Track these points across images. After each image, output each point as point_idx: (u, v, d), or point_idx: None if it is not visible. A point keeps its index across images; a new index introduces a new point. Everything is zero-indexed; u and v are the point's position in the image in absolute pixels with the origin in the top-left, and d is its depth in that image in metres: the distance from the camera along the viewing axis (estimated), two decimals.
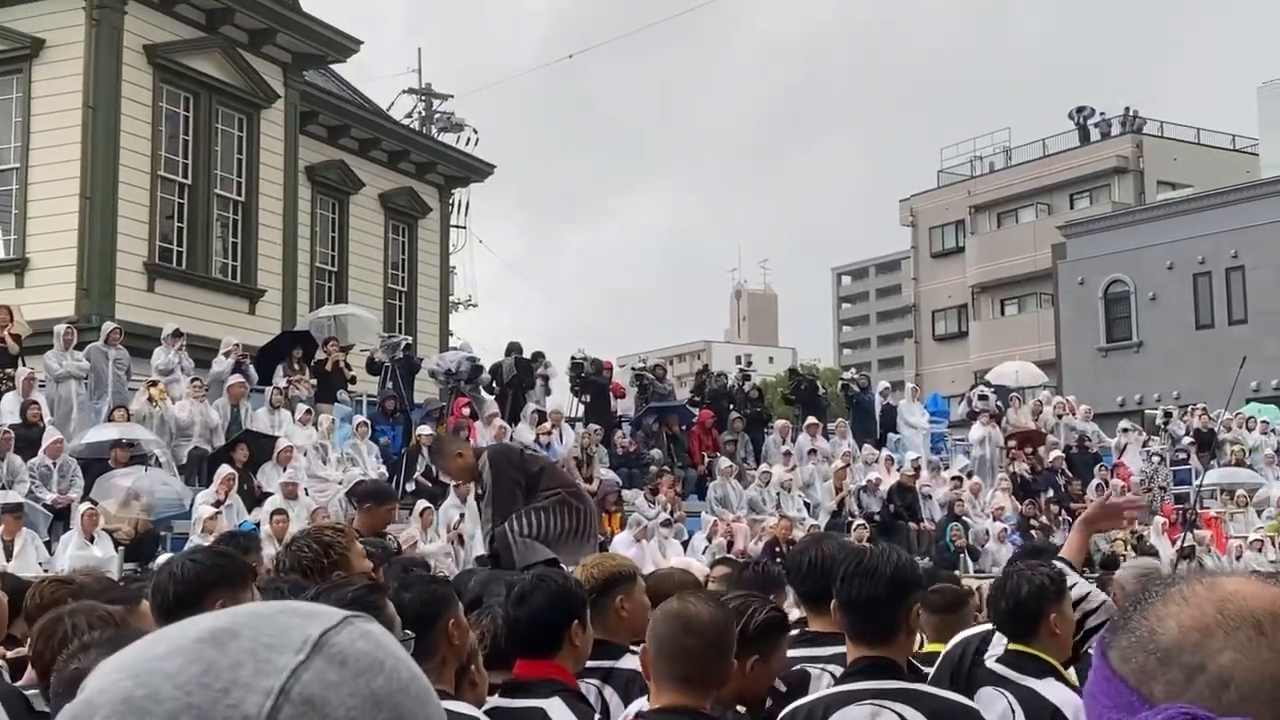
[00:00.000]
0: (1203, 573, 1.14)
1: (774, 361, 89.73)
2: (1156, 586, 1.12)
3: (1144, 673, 1.05)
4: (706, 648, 3.14)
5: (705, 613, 3.18)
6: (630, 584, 4.39)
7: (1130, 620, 1.10)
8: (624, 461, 19.63)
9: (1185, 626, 1.05)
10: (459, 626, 3.40)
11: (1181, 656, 1.04)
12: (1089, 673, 1.14)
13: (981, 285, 49.27)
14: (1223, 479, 24.10)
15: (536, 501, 7.70)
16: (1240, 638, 1.03)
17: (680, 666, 3.14)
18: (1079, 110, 48.44)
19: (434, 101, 37.10)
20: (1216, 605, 1.06)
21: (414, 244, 27.10)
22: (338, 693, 0.87)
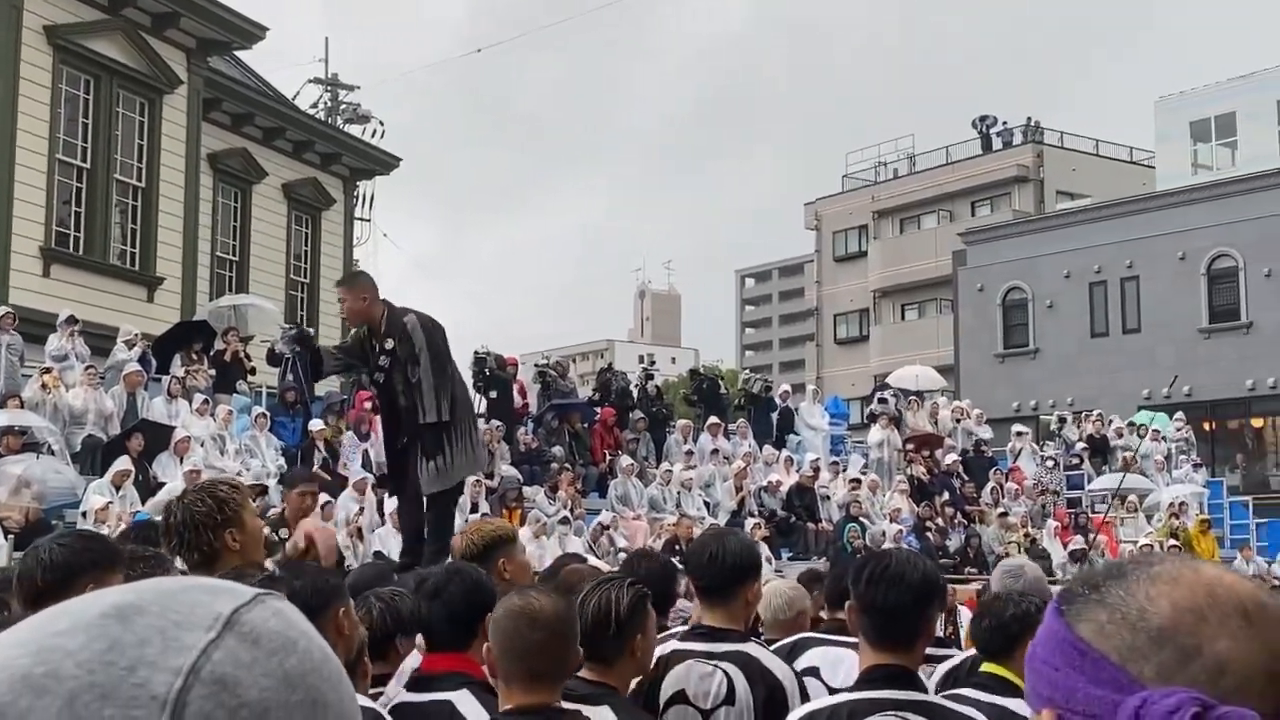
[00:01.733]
0: (1178, 555, 1.14)
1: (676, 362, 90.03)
2: (1130, 565, 1.10)
3: (1132, 651, 1.03)
4: (553, 640, 3.12)
5: (548, 605, 3.15)
6: (511, 545, 4.47)
7: (1108, 594, 1.07)
8: (525, 458, 19.59)
9: (1180, 607, 1.04)
10: (349, 617, 3.38)
11: (1177, 638, 1.02)
12: (1037, 648, 1.11)
13: (883, 290, 49.87)
14: (1114, 484, 24.66)
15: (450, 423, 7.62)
16: (1232, 625, 1.02)
17: (528, 662, 3.11)
18: (982, 119, 49.22)
19: (340, 92, 36.71)
20: (1207, 589, 1.05)
21: (317, 235, 26.82)
22: (250, 672, 0.84)
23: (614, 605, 3.56)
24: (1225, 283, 36.25)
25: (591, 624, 3.52)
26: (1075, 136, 49.48)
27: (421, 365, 7.49)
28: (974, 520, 22.07)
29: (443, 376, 7.54)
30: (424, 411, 7.53)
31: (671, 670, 3.92)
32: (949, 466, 23.29)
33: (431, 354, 7.50)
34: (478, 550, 4.38)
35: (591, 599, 3.60)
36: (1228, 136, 41.52)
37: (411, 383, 7.54)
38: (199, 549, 3.81)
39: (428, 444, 7.59)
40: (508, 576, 4.32)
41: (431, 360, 7.49)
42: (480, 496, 17.01)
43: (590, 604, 3.58)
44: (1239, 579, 1.08)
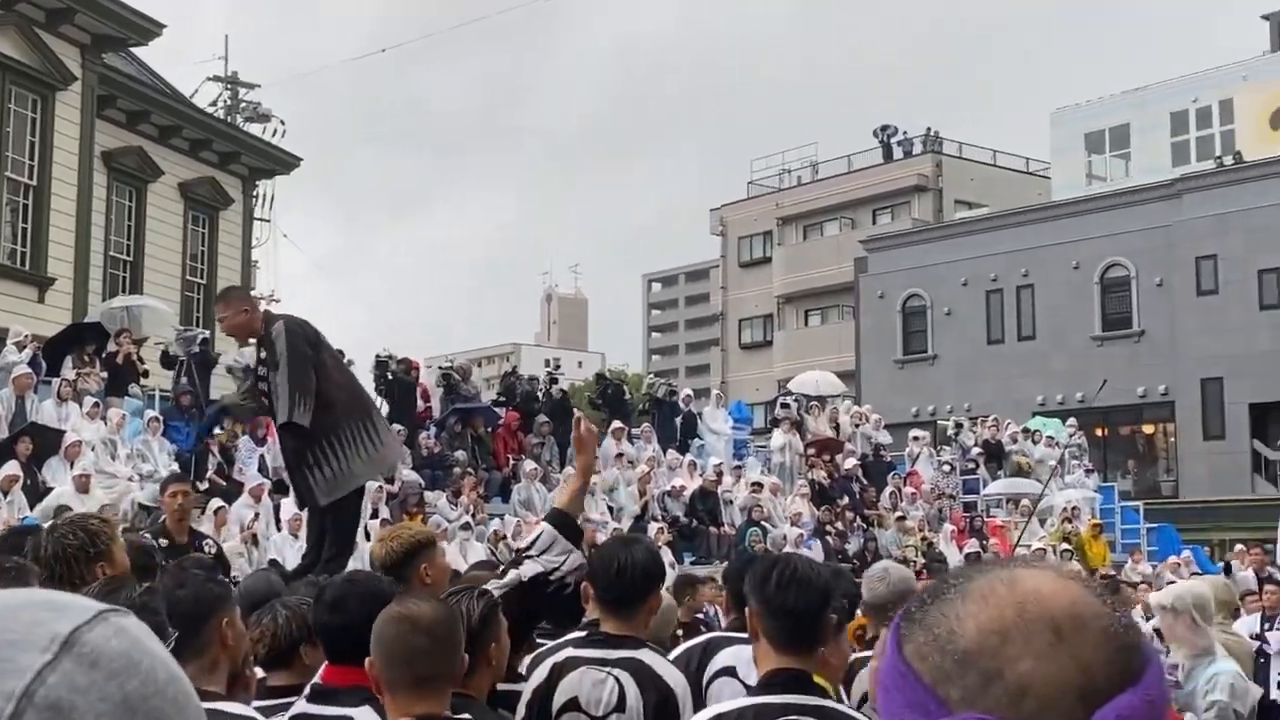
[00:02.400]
0: (1003, 564, 1.09)
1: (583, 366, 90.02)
2: (955, 579, 1.08)
3: (940, 673, 1.02)
4: (436, 645, 3.07)
5: (429, 610, 3.11)
6: (431, 550, 4.44)
7: (928, 614, 1.06)
8: (427, 463, 19.46)
9: (984, 629, 1.02)
10: (233, 626, 3.33)
11: (980, 661, 1.00)
12: (881, 664, 1.10)
13: (787, 296, 50.30)
14: (1008, 488, 25.10)
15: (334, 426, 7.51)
16: (1039, 644, 1.00)
17: (413, 669, 3.06)
18: (883, 129, 49.84)
19: (240, 91, 36.22)
20: (1016, 607, 1.02)
21: (215, 236, 26.40)
22: (86, 697, 0.81)
23: (466, 616, 3.52)
24: (1118, 291, 37.07)
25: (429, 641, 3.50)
26: (973, 147, 50.32)
27: (279, 369, 7.39)
28: (873, 524, 22.33)
29: (299, 383, 7.40)
30: (277, 412, 7.44)
31: (565, 677, 3.91)
32: (849, 471, 23.54)
33: (290, 357, 7.37)
34: (397, 557, 4.34)
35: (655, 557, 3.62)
36: (1121, 148, 42.47)
37: (273, 389, 7.47)
38: (70, 582, 3.76)
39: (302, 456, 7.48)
40: (429, 582, 4.29)
41: (290, 363, 7.37)
42: (381, 502, 16.84)
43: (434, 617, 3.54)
44: (1058, 590, 1.04)
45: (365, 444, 7.63)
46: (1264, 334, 33.60)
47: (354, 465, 7.55)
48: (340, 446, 7.46)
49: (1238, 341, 33.89)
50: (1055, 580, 1.05)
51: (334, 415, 7.50)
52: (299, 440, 7.46)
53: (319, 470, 7.43)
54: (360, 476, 7.80)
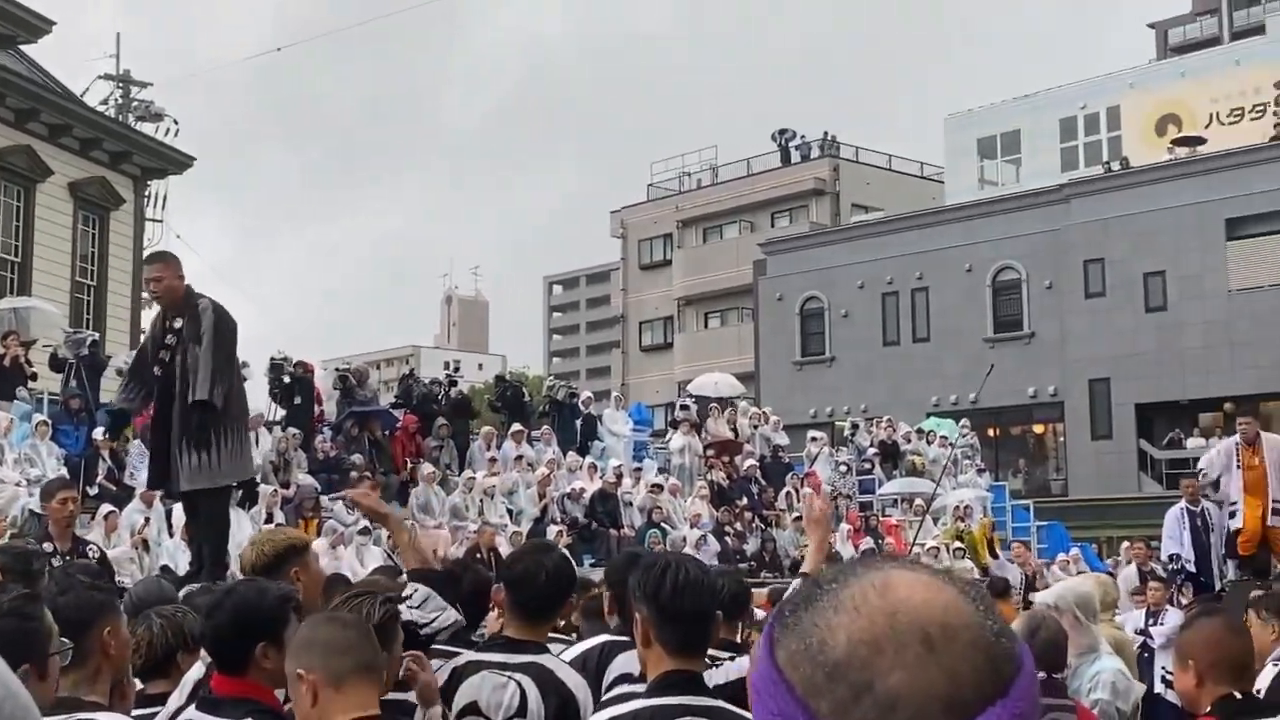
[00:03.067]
0: (876, 567, 1.07)
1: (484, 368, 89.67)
2: (827, 584, 1.06)
3: (811, 685, 1.00)
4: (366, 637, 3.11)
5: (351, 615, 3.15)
6: (304, 555, 4.41)
7: (800, 621, 1.04)
8: (323, 466, 19.26)
9: (855, 639, 1.00)
10: (116, 635, 3.29)
11: (850, 674, 0.99)
12: (754, 669, 1.08)
13: (687, 298, 50.55)
14: (902, 488, 25.48)
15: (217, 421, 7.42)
16: (909, 655, 0.99)
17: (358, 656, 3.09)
18: (781, 132, 50.32)
19: (132, 89, 35.56)
20: (888, 616, 1.01)
21: (105, 236, 25.90)
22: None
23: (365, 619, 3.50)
24: (1009, 294, 37.81)
25: None
26: (870, 151, 50.98)
27: (203, 345, 7.33)
28: (771, 524, 22.53)
29: (224, 363, 7.35)
30: (194, 389, 7.34)
31: (465, 681, 3.93)
32: (747, 471, 23.72)
33: (215, 337, 7.34)
34: (268, 561, 4.31)
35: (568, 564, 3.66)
36: (1013, 154, 43.35)
37: (188, 363, 7.37)
38: None
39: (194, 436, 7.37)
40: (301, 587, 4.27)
41: (214, 342, 7.33)
42: (276, 506, 16.67)
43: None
44: (931, 598, 1.03)
45: (237, 447, 7.58)
46: (1149, 335, 34.46)
47: (224, 464, 7.50)
48: (218, 441, 7.39)
49: (1124, 343, 34.73)
50: (928, 586, 1.04)
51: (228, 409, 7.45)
52: (186, 422, 7.36)
53: (191, 456, 7.34)
54: (226, 476, 7.74)
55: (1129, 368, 34.60)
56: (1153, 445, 34.59)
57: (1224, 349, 33.27)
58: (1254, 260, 33.31)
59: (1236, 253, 33.49)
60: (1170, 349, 34.04)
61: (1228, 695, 3.65)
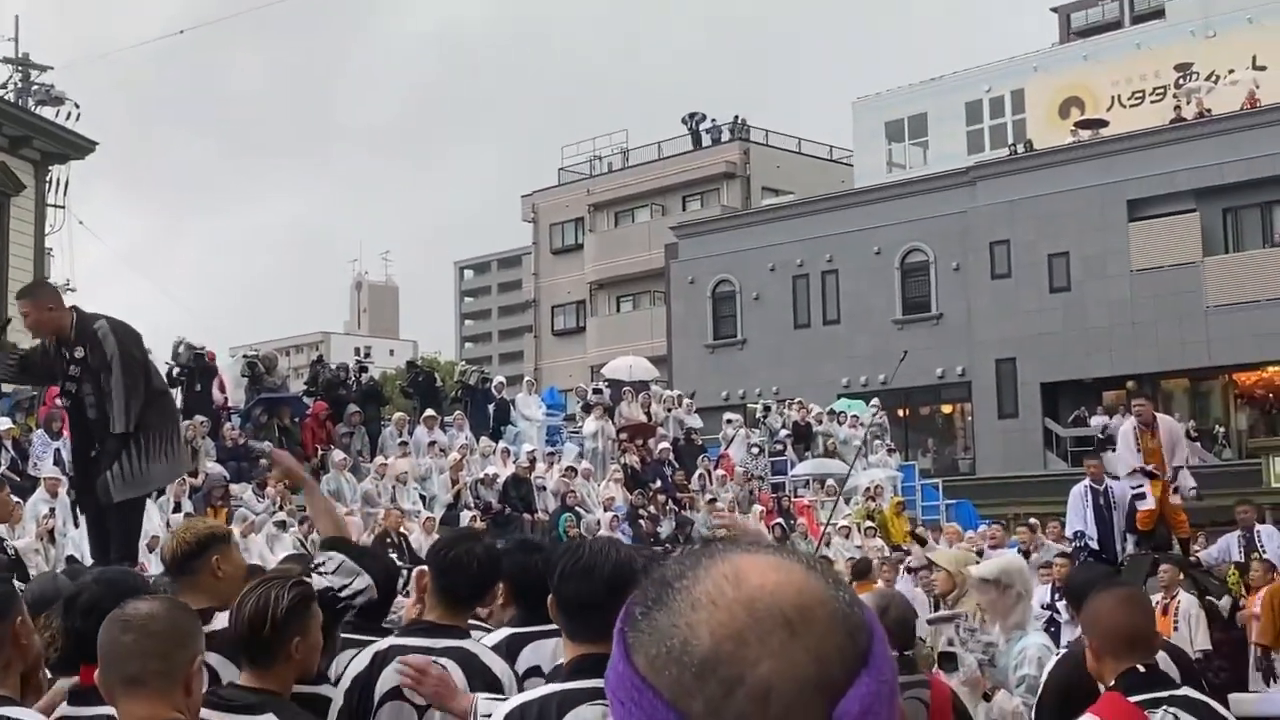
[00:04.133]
0: (721, 555, 1.05)
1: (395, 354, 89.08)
2: (677, 580, 1.04)
3: (680, 688, 0.99)
4: (145, 643, 2.89)
5: (146, 608, 2.96)
6: (225, 544, 4.38)
7: (656, 623, 1.02)
8: (232, 455, 19.05)
9: (718, 635, 0.99)
10: (25, 627, 3.25)
11: (719, 670, 0.98)
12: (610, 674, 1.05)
13: (599, 282, 50.53)
14: (815, 469, 25.73)
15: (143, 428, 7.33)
16: (774, 643, 0.98)
17: (118, 670, 2.89)
18: (691, 116, 50.39)
19: (32, 73, 34.73)
20: (746, 606, 1.00)
21: (5, 223, 25.36)
22: None
23: (271, 605, 3.49)
24: (917, 276, 38.25)
25: (247, 626, 3.45)
26: (780, 135, 51.21)
27: (114, 373, 7.18)
28: (685, 506, 22.65)
29: (135, 383, 7.24)
30: (114, 420, 7.23)
31: (388, 666, 3.92)
32: (661, 455, 23.82)
33: (123, 361, 7.20)
34: (190, 549, 4.27)
35: (249, 600, 3.50)
36: (920, 136, 43.84)
37: (103, 391, 7.22)
38: None
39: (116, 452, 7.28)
40: (220, 576, 4.23)
41: (123, 367, 7.19)
42: (184, 495, 16.45)
43: (247, 605, 3.49)
44: (783, 581, 1.02)
45: (167, 448, 7.49)
46: (1054, 316, 35.05)
47: (153, 468, 7.41)
48: (146, 449, 7.30)
49: (1030, 323, 35.30)
50: (778, 569, 1.03)
51: (148, 417, 7.34)
52: (109, 446, 7.26)
53: (119, 467, 7.24)
54: (157, 480, 7.68)
55: (1034, 347, 35.17)
56: (1058, 423, 35.22)
57: (1126, 328, 33.93)
58: (1155, 241, 33.99)
59: (1138, 233, 34.14)
60: (1074, 329, 34.65)
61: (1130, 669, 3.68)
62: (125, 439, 7.24)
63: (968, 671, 6.18)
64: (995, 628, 6.55)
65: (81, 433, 7.59)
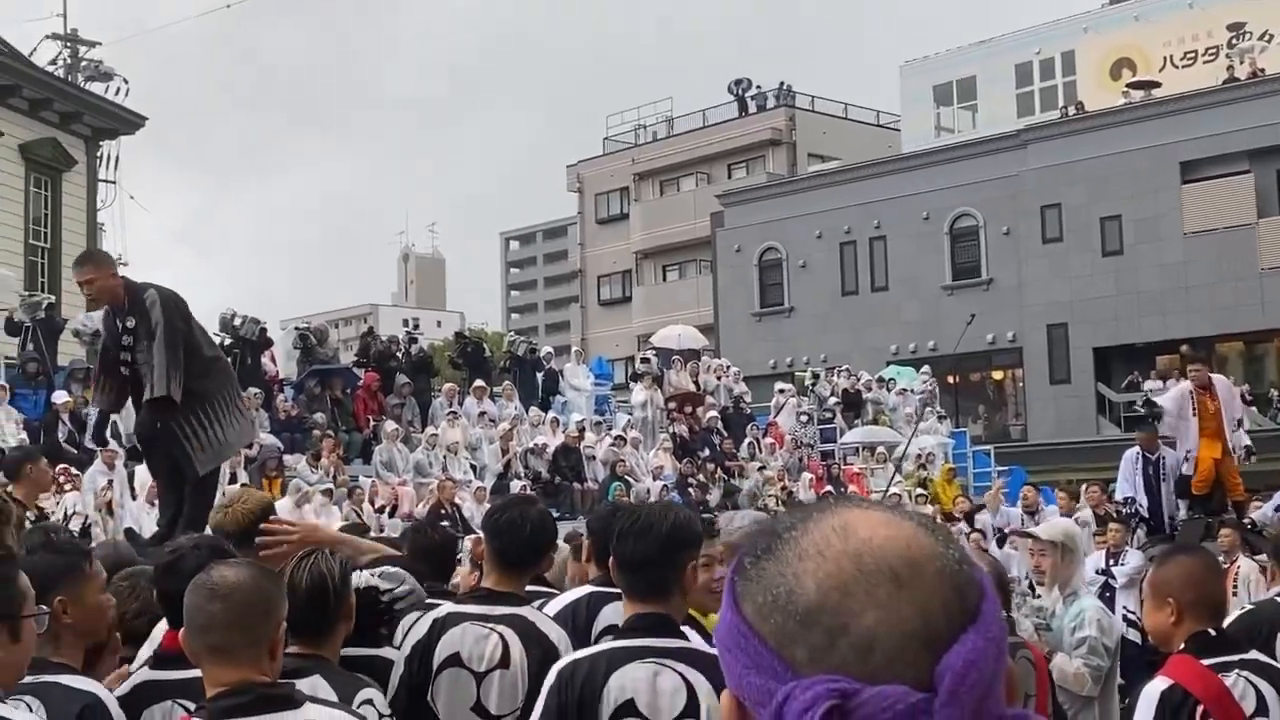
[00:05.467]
0: (832, 509, 1.07)
1: (442, 325, 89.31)
2: (786, 532, 1.05)
3: (784, 635, 1.00)
4: (233, 612, 2.90)
5: (232, 576, 2.95)
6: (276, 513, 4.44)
7: (764, 572, 1.04)
8: (285, 426, 19.19)
9: (824, 585, 1.00)
10: (73, 603, 3.28)
11: (823, 618, 0.99)
12: (720, 623, 1.07)
13: (645, 251, 50.45)
14: (864, 437, 25.64)
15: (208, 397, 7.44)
16: (881, 595, 0.99)
17: (208, 638, 2.91)
18: (737, 83, 50.13)
19: (81, 49, 35.00)
20: (854, 558, 1.01)
21: (58, 198, 25.59)
22: None
23: (329, 575, 3.52)
24: (966, 241, 37.95)
25: (307, 596, 3.46)
26: (826, 100, 50.87)
27: (155, 340, 7.27)
28: (734, 475, 22.64)
29: (175, 354, 7.29)
30: (152, 387, 7.29)
31: (447, 632, 3.94)
32: (709, 423, 23.81)
33: (166, 329, 7.27)
34: (245, 524, 4.31)
35: (302, 570, 3.52)
36: (968, 100, 43.38)
37: (147, 359, 7.33)
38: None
39: (188, 429, 7.37)
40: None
41: (165, 335, 7.26)
42: (239, 466, 16.59)
43: (302, 575, 3.51)
44: (893, 535, 1.03)
45: (235, 413, 7.62)
46: (1106, 280, 34.70)
47: (229, 434, 7.56)
48: (216, 416, 7.42)
49: (1081, 287, 34.97)
50: (888, 524, 1.04)
51: (207, 386, 7.43)
52: (166, 413, 7.34)
53: (196, 441, 7.35)
54: (234, 445, 7.83)
55: (1086, 312, 34.85)
56: (1110, 388, 34.91)
57: (1179, 292, 33.55)
58: (1208, 203, 33.54)
59: (1191, 195, 33.71)
60: (1127, 292, 34.30)
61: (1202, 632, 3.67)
62: (173, 412, 7.30)
63: (1024, 635, 6.15)
64: (1054, 592, 6.50)
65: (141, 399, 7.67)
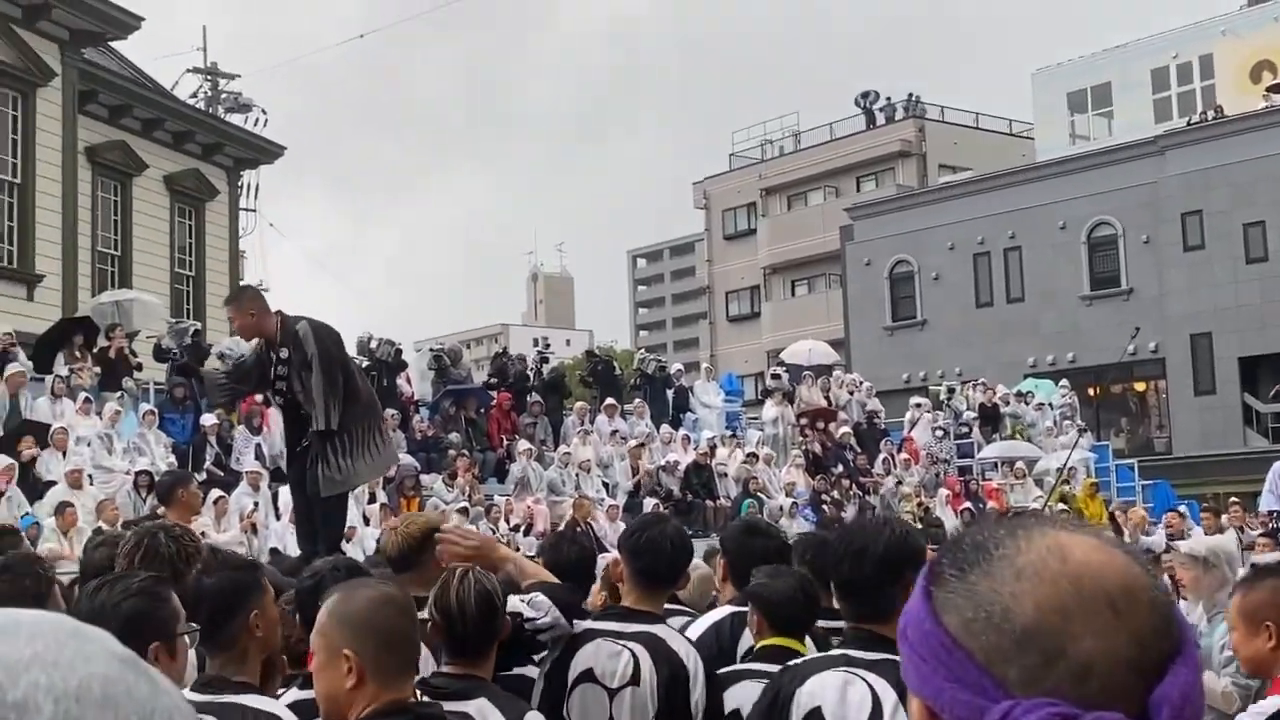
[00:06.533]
0: (1038, 528, 1.06)
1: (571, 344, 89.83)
2: (997, 548, 1.05)
3: (995, 653, 1.00)
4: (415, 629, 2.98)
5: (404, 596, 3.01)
6: None
7: (974, 587, 1.03)
8: (421, 446, 19.48)
9: (1044, 608, 1.00)
10: (264, 617, 3.35)
11: (1040, 640, 0.99)
12: (907, 629, 1.07)
13: (773, 266, 50.28)
14: (1003, 452, 25.17)
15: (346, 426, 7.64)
16: (1098, 622, 0.99)
17: (406, 653, 2.93)
18: (864, 95, 49.76)
19: (220, 81, 36.07)
20: (1072, 582, 1.01)
21: (201, 227, 26.36)
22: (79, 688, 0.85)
23: (495, 595, 3.53)
24: (1105, 250, 37.13)
25: (478, 615, 3.46)
26: (956, 110, 50.25)
27: (313, 372, 7.50)
28: (869, 491, 22.40)
29: (333, 382, 7.53)
30: (316, 418, 7.55)
31: (581, 649, 3.96)
32: (842, 439, 23.60)
33: (322, 360, 7.51)
34: (413, 544, 4.38)
35: (468, 590, 3.49)
36: (1104, 106, 42.50)
37: (306, 389, 7.55)
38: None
39: (323, 450, 7.59)
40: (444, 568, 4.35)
41: (322, 366, 7.50)
42: (378, 486, 16.88)
43: (469, 595, 3.47)
44: (1107, 562, 1.03)
45: (372, 446, 7.79)
46: (1251, 287, 33.69)
47: (358, 465, 7.73)
48: (350, 446, 7.61)
49: (1225, 295, 33.99)
50: (1100, 549, 1.04)
51: (353, 412, 7.64)
52: (317, 435, 7.58)
53: (327, 465, 7.55)
54: (362, 476, 7.99)
55: (1231, 320, 33.87)
56: (1257, 399, 33.84)
57: None
58: None
59: None
60: (1273, 300, 33.24)
61: None
62: (328, 436, 7.53)
63: None
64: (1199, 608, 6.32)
65: (296, 429, 7.90)
